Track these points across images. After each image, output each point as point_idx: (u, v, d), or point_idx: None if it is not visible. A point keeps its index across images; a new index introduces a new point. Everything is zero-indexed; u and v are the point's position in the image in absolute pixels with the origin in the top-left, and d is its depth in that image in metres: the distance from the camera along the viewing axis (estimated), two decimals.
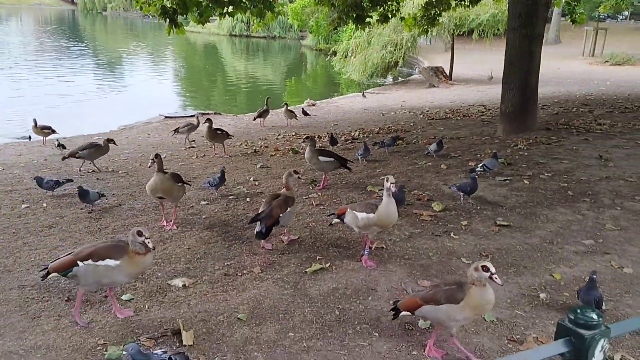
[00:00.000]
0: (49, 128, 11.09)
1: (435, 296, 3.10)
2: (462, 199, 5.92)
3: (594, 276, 3.55)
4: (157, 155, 5.18)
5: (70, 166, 8.49)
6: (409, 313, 3.26)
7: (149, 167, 5.27)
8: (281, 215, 4.64)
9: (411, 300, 3.26)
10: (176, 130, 10.49)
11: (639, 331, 3.45)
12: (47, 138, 11.23)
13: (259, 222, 4.56)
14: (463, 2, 13.30)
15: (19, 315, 3.72)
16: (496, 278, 2.92)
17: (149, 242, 3.46)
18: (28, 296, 3.97)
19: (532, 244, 4.82)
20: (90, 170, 8.16)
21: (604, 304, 3.62)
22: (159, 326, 3.56)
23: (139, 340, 3.39)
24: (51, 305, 3.83)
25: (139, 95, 20.76)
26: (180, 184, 5.46)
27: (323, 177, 6.89)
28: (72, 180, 6.86)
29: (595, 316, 1.57)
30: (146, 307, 3.83)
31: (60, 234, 5.27)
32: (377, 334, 3.48)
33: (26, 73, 23.69)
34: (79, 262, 3.43)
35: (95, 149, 8.06)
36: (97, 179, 7.59)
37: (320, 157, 6.58)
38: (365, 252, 4.53)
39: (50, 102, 17.90)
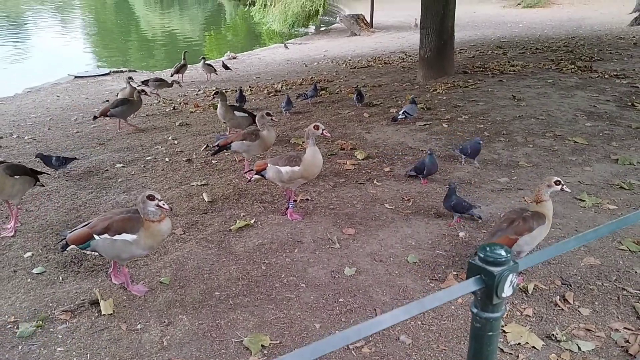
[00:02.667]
0: None
1: (528, 225, 3.25)
2: (463, 161, 5.47)
3: (452, 185, 4.20)
4: None
5: None
6: None
7: None
8: (234, 142, 5.19)
9: (504, 239, 3.25)
10: (144, 83, 9.94)
11: (550, 261, 3.65)
12: None
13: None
14: None
15: None
16: (565, 188, 3.38)
17: (163, 204, 3.17)
18: None
19: None
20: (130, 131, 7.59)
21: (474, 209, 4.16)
22: (75, 297, 3.38)
23: (54, 314, 3.21)
24: None
25: (46, 55, 19.31)
26: (18, 177, 4.20)
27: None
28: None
29: (503, 252, 1.59)
30: (60, 278, 3.62)
31: None
32: (304, 285, 3.48)
33: None
34: (95, 236, 3.20)
35: (127, 106, 7.33)
36: (0, 146, 7.03)
37: (236, 113, 6.37)
38: (290, 205, 4.48)
39: None
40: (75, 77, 14.34)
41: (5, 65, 17.04)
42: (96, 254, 3.43)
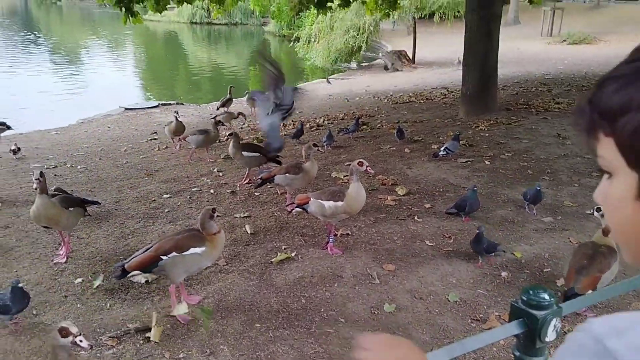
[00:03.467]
0: (4, 124, 10.69)
1: (608, 261, 3.30)
2: (526, 207, 5.18)
3: (480, 230, 4.04)
4: (42, 174, 4.22)
5: (26, 163, 8.21)
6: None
7: (34, 188, 4.25)
8: (277, 175, 5.31)
9: (592, 278, 3.27)
10: (215, 118, 10.19)
11: (597, 305, 3.55)
12: (1, 135, 10.82)
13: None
14: None
15: None
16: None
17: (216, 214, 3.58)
18: None
19: (494, 223, 4.90)
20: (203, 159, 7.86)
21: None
22: (122, 324, 3.49)
23: (102, 339, 3.32)
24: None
25: (98, 87, 20.20)
26: (72, 209, 4.45)
27: (247, 172, 6.58)
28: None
29: (547, 296, 1.59)
30: (108, 305, 3.75)
31: (17, 234, 5.11)
32: (343, 320, 3.50)
33: None
34: (162, 257, 3.41)
35: (204, 136, 7.46)
36: (55, 175, 7.37)
37: (243, 152, 6.31)
38: (331, 240, 4.53)
39: (2, 96, 17.28)
40: (126, 109, 14.93)
41: (61, 97, 17.90)
42: (143, 281, 3.56)
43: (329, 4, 11.84)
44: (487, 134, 8.08)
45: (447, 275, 4.02)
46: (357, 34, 22.62)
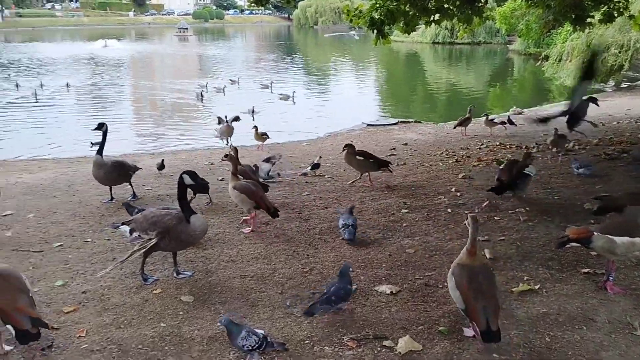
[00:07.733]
0: (266, 134, 12.26)
1: None
2: None
3: None
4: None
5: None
6: None
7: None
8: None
9: None
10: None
11: None
12: (263, 143, 12.41)
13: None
14: None
15: (240, 302, 4.14)
16: None
17: None
18: (248, 285, 4.40)
19: None
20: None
21: None
22: (361, 328, 3.67)
23: (343, 339, 3.53)
24: (267, 297, 4.19)
25: (344, 103, 21.78)
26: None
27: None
28: None
29: None
30: (350, 308, 3.98)
31: (275, 231, 5.76)
32: None
33: (244, 83, 25.37)
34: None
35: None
36: (306, 182, 8.14)
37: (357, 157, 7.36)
38: (611, 277, 4.10)
39: (263, 108, 19.77)
40: (368, 125, 15.78)
41: (313, 112, 19.74)
42: (388, 291, 3.66)
43: (588, 19, 10.80)
44: None
45: None
46: (620, 52, 20.21)
